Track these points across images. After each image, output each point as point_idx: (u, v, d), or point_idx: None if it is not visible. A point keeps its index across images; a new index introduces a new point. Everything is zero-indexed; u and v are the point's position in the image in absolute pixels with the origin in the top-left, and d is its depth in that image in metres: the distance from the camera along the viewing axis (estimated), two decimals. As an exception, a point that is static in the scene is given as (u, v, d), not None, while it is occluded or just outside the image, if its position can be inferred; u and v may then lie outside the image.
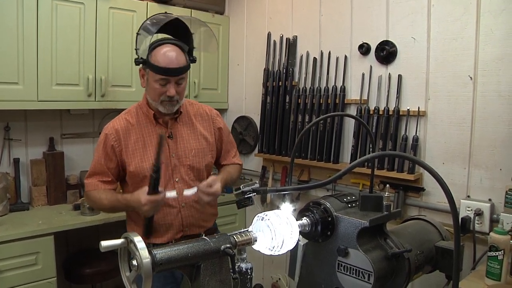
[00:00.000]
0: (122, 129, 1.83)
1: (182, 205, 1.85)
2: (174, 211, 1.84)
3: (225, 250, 0.90)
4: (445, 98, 2.11)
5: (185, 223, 1.86)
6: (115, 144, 1.81)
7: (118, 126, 1.84)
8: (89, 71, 2.59)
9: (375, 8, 2.38)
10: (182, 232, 1.87)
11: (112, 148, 1.82)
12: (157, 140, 1.63)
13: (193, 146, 1.90)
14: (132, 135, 1.83)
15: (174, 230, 1.85)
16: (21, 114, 2.72)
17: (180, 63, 1.74)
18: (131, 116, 1.88)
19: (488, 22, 1.94)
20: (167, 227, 1.84)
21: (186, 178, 1.87)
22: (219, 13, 3.29)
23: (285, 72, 2.82)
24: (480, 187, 2.01)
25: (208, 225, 1.98)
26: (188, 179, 1.88)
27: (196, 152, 1.90)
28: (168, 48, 1.76)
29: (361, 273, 1.02)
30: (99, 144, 1.85)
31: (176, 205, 1.84)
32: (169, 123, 1.87)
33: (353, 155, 2.44)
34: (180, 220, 1.85)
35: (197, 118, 1.96)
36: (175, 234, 1.86)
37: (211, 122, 1.99)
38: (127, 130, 1.83)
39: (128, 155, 1.82)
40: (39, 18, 2.38)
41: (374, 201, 1.12)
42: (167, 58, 1.72)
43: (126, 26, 2.73)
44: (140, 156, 1.82)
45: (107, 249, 0.82)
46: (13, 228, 2.24)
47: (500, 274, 1.56)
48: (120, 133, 1.82)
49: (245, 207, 1.01)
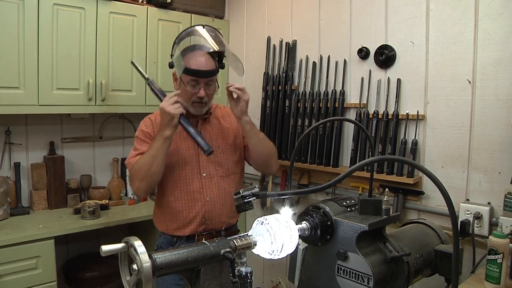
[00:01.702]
0: (156, 122, 1.96)
1: (207, 199, 1.94)
2: (198, 204, 1.94)
3: (225, 254, 0.91)
4: (444, 102, 2.12)
5: (208, 216, 1.94)
6: (150, 131, 1.95)
7: (153, 118, 2.00)
8: (90, 76, 2.60)
9: (374, 12, 2.39)
10: (204, 225, 1.95)
11: (147, 134, 1.95)
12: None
13: (220, 144, 2.00)
14: None
15: (197, 223, 1.94)
16: (21, 119, 2.73)
17: (209, 67, 1.85)
18: None
19: (486, 26, 1.95)
20: (191, 220, 1.94)
21: (214, 174, 1.97)
22: (218, 18, 3.30)
23: (285, 76, 2.83)
24: (479, 191, 2.02)
25: (231, 221, 2.04)
26: (216, 175, 1.98)
27: (223, 149, 2.00)
28: (199, 52, 1.87)
29: (361, 277, 1.03)
30: (137, 133, 1.99)
31: (201, 199, 1.94)
32: (199, 123, 1.99)
33: (352, 159, 2.44)
34: (203, 213, 1.94)
35: (225, 118, 2.08)
36: (197, 226, 1.94)
37: (235, 121, 2.05)
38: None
39: None
40: (40, 22, 2.39)
41: (374, 205, 1.12)
42: (198, 62, 1.84)
43: (126, 31, 2.74)
44: (170, 152, 1.90)
45: (108, 253, 0.82)
46: (13, 232, 2.24)
47: (500, 278, 1.56)
48: (154, 124, 1.96)
49: (245, 211, 1.02)
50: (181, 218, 1.94)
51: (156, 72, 2.89)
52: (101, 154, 3.11)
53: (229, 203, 1.99)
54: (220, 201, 1.96)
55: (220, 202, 1.97)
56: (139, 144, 1.95)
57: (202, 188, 1.95)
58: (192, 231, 1.94)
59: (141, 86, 2.83)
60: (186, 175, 1.94)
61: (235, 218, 2.07)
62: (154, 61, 2.88)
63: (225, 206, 1.98)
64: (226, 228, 2.01)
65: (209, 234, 1.96)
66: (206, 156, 1.85)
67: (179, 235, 1.96)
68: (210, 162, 1.96)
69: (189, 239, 1.96)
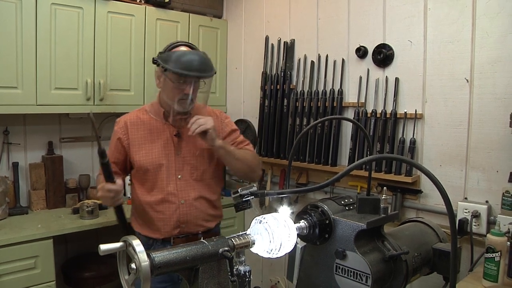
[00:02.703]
0: (130, 123, 1.94)
1: (182, 201, 1.91)
2: (173, 206, 1.90)
3: (223, 253, 0.91)
4: (442, 101, 2.13)
5: (182, 219, 1.91)
6: (123, 137, 1.93)
7: (127, 120, 1.96)
8: (88, 75, 2.60)
9: (372, 11, 2.39)
10: (179, 228, 1.91)
11: (119, 141, 1.93)
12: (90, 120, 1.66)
13: (199, 146, 1.94)
14: (140, 130, 1.94)
15: (171, 226, 1.90)
16: (20, 118, 2.72)
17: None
18: (143, 112, 1.99)
19: (484, 25, 1.96)
20: (165, 222, 1.90)
21: (188, 177, 1.93)
22: (217, 17, 3.30)
23: (283, 75, 2.83)
24: (477, 189, 2.02)
25: (208, 225, 2.00)
26: (190, 178, 1.94)
27: (201, 153, 1.95)
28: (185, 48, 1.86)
29: (359, 276, 1.03)
30: (112, 135, 1.99)
31: (176, 201, 1.90)
32: (178, 122, 1.93)
33: (350, 158, 2.44)
34: (177, 216, 1.90)
35: None
36: (172, 229, 1.91)
37: (220, 124, 2.02)
38: (135, 125, 1.94)
39: (133, 149, 1.92)
40: (38, 22, 2.39)
41: (372, 204, 1.13)
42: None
43: (124, 30, 2.74)
44: (145, 151, 1.91)
45: (106, 252, 0.83)
46: (12, 232, 2.23)
47: (497, 276, 1.57)
48: (128, 127, 1.94)
49: (243, 210, 1.02)
50: (155, 220, 1.91)
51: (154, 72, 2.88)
52: (99, 153, 3.10)
53: (205, 207, 1.96)
54: (195, 204, 1.92)
55: (196, 205, 1.92)
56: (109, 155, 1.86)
57: (177, 190, 1.90)
58: (167, 234, 1.90)
59: (139, 85, 2.83)
60: (161, 177, 1.90)
61: (213, 222, 2.03)
62: (152, 60, 2.88)
63: (201, 210, 1.95)
64: (203, 231, 1.97)
65: (185, 237, 1.92)
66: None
67: (154, 237, 1.92)
68: (186, 164, 1.93)
69: (165, 242, 1.92)
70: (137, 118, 1.96)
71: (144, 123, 1.95)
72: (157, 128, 1.93)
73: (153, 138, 1.92)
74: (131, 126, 1.94)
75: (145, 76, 2.85)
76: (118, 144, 1.94)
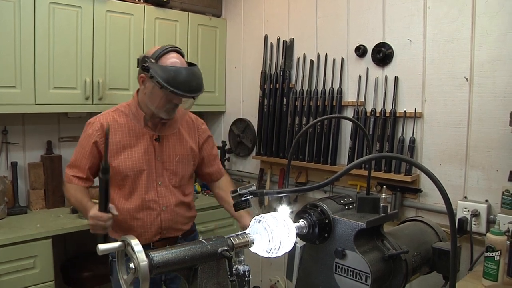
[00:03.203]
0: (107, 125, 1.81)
1: (163, 208, 1.87)
2: (154, 213, 1.86)
3: (222, 252, 0.91)
4: (442, 100, 2.12)
5: (164, 225, 1.88)
6: (100, 140, 1.82)
7: (104, 122, 1.83)
8: (87, 75, 2.59)
9: (372, 10, 2.39)
10: (160, 235, 1.89)
11: (95, 144, 1.82)
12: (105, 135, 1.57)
13: (178, 152, 1.92)
14: (117, 134, 1.83)
15: (152, 233, 1.87)
16: (18, 118, 2.71)
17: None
18: (119, 115, 1.88)
19: (484, 24, 1.95)
20: (146, 229, 1.86)
21: (168, 183, 1.90)
22: (216, 16, 3.30)
23: (282, 74, 2.83)
24: (477, 188, 2.02)
25: (186, 227, 1.99)
26: (169, 184, 1.90)
27: (180, 158, 1.92)
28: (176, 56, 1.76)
29: (359, 275, 1.03)
30: (83, 137, 1.85)
31: (157, 208, 1.86)
32: (158, 126, 1.87)
33: (350, 157, 2.44)
34: (159, 223, 1.87)
35: (183, 125, 1.98)
36: (153, 236, 1.87)
37: (196, 131, 2.01)
38: (113, 128, 1.82)
39: (111, 153, 1.79)
40: (36, 21, 2.38)
41: (371, 203, 1.12)
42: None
43: (123, 29, 2.73)
44: (124, 156, 1.82)
45: (105, 252, 0.82)
46: (10, 231, 2.23)
47: (497, 275, 1.57)
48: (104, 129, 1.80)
49: (242, 209, 1.02)
50: (134, 227, 1.84)
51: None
52: (98, 153, 3.09)
53: (184, 211, 1.95)
54: (176, 209, 1.90)
55: (176, 211, 1.90)
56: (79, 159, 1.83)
57: (158, 197, 1.86)
58: (147, 240, 1.85)
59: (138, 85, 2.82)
60: (142, 183, 1.84)
61: (189, 224, 2.01)
62: (151, 59, 2.87)
63: (181, 215, 1.93)
64: (183, 235, 1.96)
65: (165, 240, 1.88)
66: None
67: None
68: (165, 169, 1.88)
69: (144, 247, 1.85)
70: (113, 121, 1.84)
71: (121, 126, 1.84)
72: (136, 131, 1.84)
73: (132, 143, 1.83)
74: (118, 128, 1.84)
75: (144, 75, 2.84)
76: (93, 148, 1.82)
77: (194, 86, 1.73)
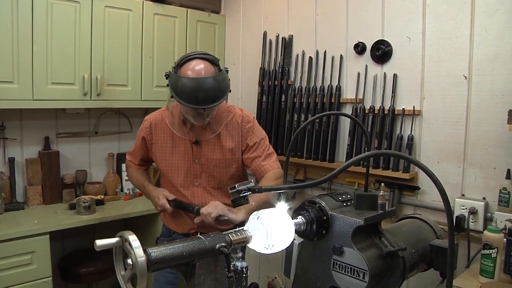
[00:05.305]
0: (155, 124, 1.98)
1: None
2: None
3: (220, 248, 0.91)
4: (440, 97, 2.12)
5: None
6: (148, 137, 2.00)
7: (153, 120, 2.00)
8: (85, 70, 2.58)
9: (371, 7, 2.38)
10: (196, 229, 1.94)
11: (144, 140, 2.02)
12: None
13: (216, 156, 1.93)
14: (163, 133, 1.97)
15: (189, 227, 1.97)
16: (16, 113, 2.70)
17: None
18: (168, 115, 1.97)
19: (483, 22, 1.95)
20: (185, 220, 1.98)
21: (206, 185, 1.96)
22: (215, 12, 3.29)
23: (281, 71, 2.82)
24: (474, 186, 2.03)
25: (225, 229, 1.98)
26: (208, 186, 1.96)
27: (217, 162, 1.93)
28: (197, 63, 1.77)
29: (356, 272, 1.03)
30: (138, 131, 2.06)
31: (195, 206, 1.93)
32: (198, 129, 1.91)
33: (348, 154, 2.44)
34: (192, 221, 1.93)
35: (228, 127, 1.96)
36: (189, 230, 1.98)
37: (240, 132, 1.97)
38: (160, 127, 1.97)
39: (156, 150, 1.99)
40: (34, 17, 2.36)
41: (369, 200, 1.13)
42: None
43: (121, 25, 2.72)
44: (166, 154, 1.96)
45: (102, 248, 0.82)
46: (8, 227, 2.23)
47: (494, 272, 1.58)
48: (153, 127, 1.98)
49: (240, 205, 1.02)
50: (176, 217, 2.00)
51: (152, 67, 2.87)
52: (96, 149, 3.09)
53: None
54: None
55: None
56: (134, 148, 2.11)
57: (194, 197, 1.94)
58: (187, 230, 1.98)
59: (136, 81, 2.82)
60: (181, 182, 1.96)
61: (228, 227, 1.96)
62: (149, 55, 2.86)
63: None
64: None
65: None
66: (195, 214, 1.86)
67: (176, 231, 2.03)
68: (203, 172, 1.94)
69: (185, 235, 1.96)
70: (162, 120, 1.98)
71: (166, 126, 1.95)
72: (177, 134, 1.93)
73: (174, 143, 1.94)
74: (155, 127, 1.98)
75: (142, 71, 2.84)
76: (143, 142, 2.02)
77: (200, 97, 1.71)
